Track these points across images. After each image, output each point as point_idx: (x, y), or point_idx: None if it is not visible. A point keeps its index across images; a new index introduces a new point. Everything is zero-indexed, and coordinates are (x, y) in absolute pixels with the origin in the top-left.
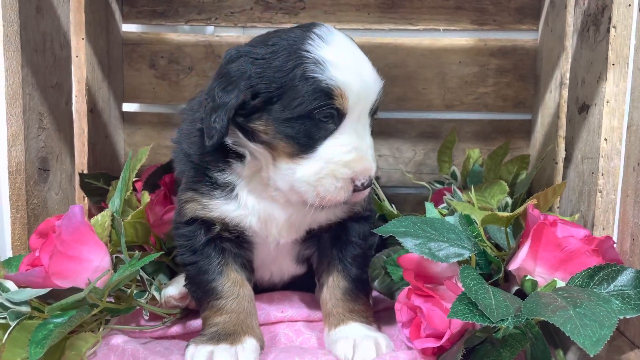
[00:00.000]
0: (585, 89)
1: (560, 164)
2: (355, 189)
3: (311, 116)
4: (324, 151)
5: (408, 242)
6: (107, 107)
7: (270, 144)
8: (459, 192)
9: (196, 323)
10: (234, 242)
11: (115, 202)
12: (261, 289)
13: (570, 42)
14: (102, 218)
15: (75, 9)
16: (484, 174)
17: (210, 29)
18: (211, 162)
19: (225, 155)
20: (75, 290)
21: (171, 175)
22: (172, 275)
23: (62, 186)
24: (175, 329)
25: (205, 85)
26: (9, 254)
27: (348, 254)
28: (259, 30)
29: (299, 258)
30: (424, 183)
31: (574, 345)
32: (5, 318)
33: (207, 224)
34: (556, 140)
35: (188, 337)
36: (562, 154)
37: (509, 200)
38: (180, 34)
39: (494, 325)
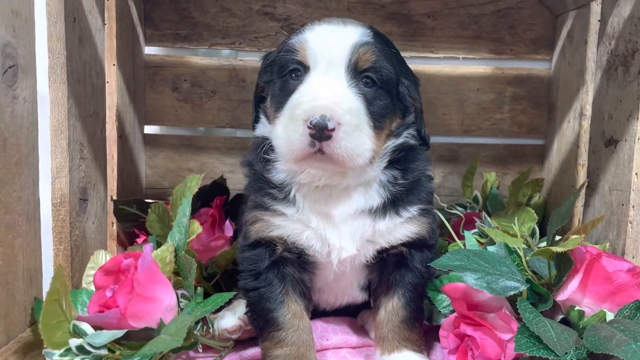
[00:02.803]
0: (612, 124)
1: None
2: (311, 133)
3: (284, 74)
4: (288, 103)
5: (468, 277)
6: (132, 131)
7: (270, 116)
8: (489, 219)
9: (247, 353)
10: (296, 264)
11: (175, 236)
12: (320, 312)
13: (590, 77)
14: (162, 253)
15: (107, 36)
16: (507, 200)
17: (225, 52)
18: (265, 163)
19: (270, 153)
20: (148, 330)
21: (221, 197)
22: None
23: (97, 214)
24: None
25: (230, 109)
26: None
27: (410, 281)
28: None
29: (364, 284)
30: (456, 207)
31: None
32: None
33: (270, 245)
34: (575, 169)
35: None
36: (581, 181)
37: (536, 227)
38: (204, 58)
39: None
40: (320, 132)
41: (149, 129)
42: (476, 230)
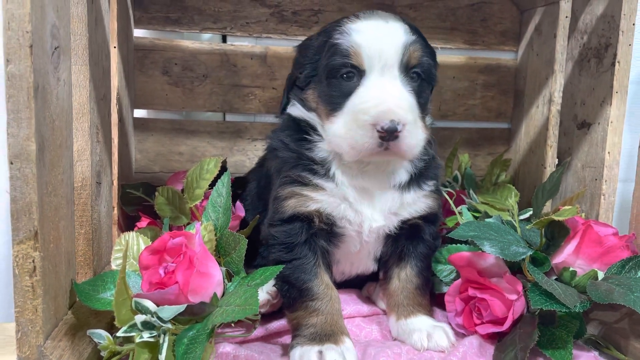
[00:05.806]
0: (586, 109)
1: (548, 169)
2: (381, 136)
3: (336, 76)
4: (349, 105)
5: (486, 246)
6: (127, 115)
7: (316, 109)
8: (475, 195)
9: (273, 326)
10: (327, 237)
11: (211, 215)
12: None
13: (558, 67)
14: (201, 232)
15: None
16: (482, 179)
17: (206, 36)
18: (302, 142)
19: (307, 132)
20: (203, 304)
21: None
22: None
23: (106, 198)
24: (255, 333)
25: (221, 93)
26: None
27: (421, 252)
28: (274, 41)
29: (377, 255)
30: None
31: (593, 321)
32: (155, 336)
33: (306, 220)
34: (544, 149)
35: (268, 339)
36: (550, 160)
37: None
38: (195, 42)
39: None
40: (390, 135)
41: (137, 113)
42: (465, 205)
